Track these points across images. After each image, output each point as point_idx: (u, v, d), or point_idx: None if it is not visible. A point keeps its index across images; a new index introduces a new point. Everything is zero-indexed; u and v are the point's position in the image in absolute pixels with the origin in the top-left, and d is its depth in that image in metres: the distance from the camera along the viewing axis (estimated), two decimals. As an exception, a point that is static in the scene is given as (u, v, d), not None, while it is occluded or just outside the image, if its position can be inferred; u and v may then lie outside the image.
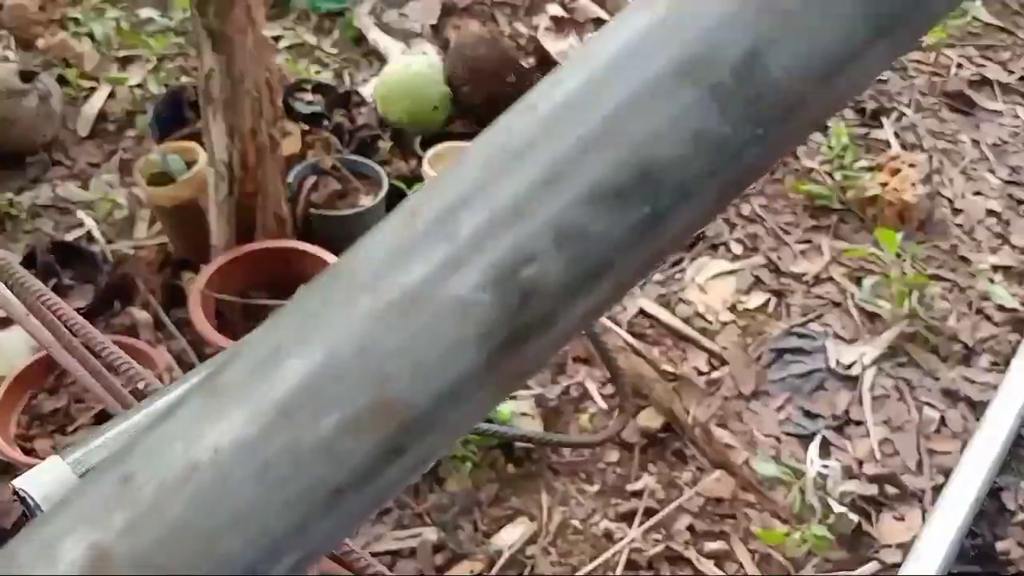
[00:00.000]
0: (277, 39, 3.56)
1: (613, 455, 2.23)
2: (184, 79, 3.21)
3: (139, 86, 3.28)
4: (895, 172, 2.82)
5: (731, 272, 2.69)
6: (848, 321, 2.55)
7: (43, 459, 1.84)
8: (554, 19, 3.37)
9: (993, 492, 2.08)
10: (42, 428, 1.98)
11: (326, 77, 3.36)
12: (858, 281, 2.64)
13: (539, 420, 2.29)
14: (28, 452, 1.93)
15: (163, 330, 2.41)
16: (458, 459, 2.18)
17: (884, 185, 2.80)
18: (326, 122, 2.83)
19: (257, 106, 2.18)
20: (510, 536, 2.06)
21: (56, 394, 2.04)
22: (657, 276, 2.70)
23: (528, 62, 3.20)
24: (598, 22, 3.27)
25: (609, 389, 2.38)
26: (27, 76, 3.02)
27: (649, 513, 2.10)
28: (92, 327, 1.02)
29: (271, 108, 2.23)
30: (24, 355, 2.11)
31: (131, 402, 1.11)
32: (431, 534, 2.05)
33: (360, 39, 3.66)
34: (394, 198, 2.73)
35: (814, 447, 2.23)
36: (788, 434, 2.28)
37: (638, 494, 2.14)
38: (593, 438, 1.09)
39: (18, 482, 0.79)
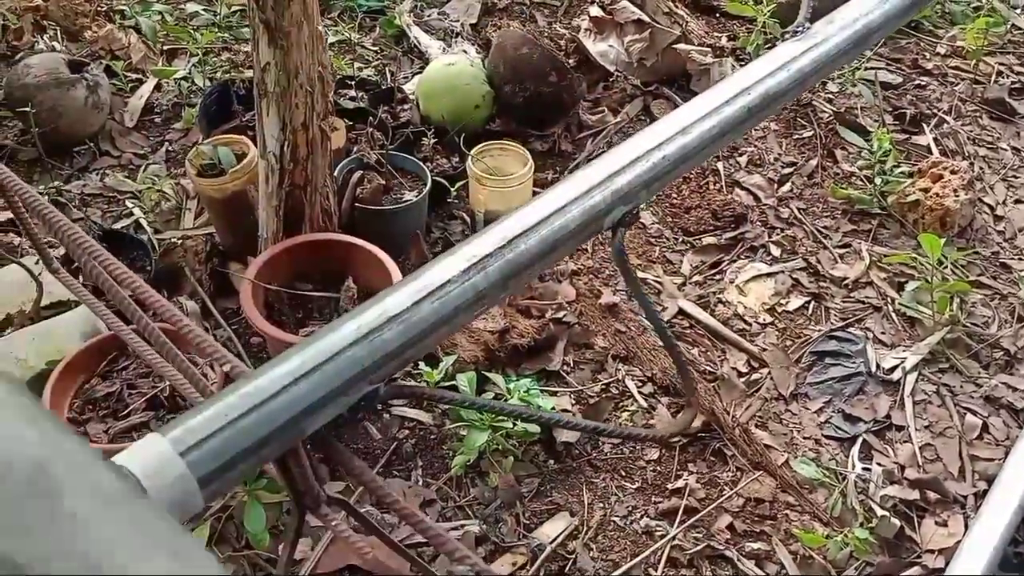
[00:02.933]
0: (319, 35, 3.60)
1: (653, 453, 2.25)
2: (230, 73, 3.25)
3: (185, 79, 3.33)
4: (937, 178, 2.82)
5: (770, 275, 2.69)
6: (888, 326, 2.55)
7: (96, 442, 1.89)
8: (594, 20, 3.38)
9: (1036, 499, 2.07)
10: (95, 413, 2.02)
11: (368, 74, 3.39)
12: (898, 286, 2.64)
13: (579, 417, 2.31)
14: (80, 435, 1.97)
15: (210, 319, 2.45)
16: (500, 453, 2.20)
17: (925, 191, 2.79)
18: (371, 118, 2.85)
19: (310, 100, 2.21)
20: (552, 530, 2.08)
21: (108, 379, 2.08)
22: (696, 277, 2.71)
23: (568, 62, 3.22)
24: (638, 24, 3.28)
25: (649, 388, 2.39)
26: (76, 66, 3.07)
27: (690, 512, 2.12)
28: (180, 313, 1.04)
29: (323, 102, 2.26)
30: (76, 341, 2.15)
31: (204, 385, 1.14)
32: (474, 527, 2.07)
33: (400, 37, 3.69)
34: (436, 194, 2.76)
35: (855, 450, 2.23)
36: (828, 437, 2.28)
37: (678, 492, 2.16)
38: (658, 432, 1.09)
39: (120, 458, 0.82)
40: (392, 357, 0.96)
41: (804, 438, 2.29)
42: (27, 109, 2.73)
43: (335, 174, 2.56)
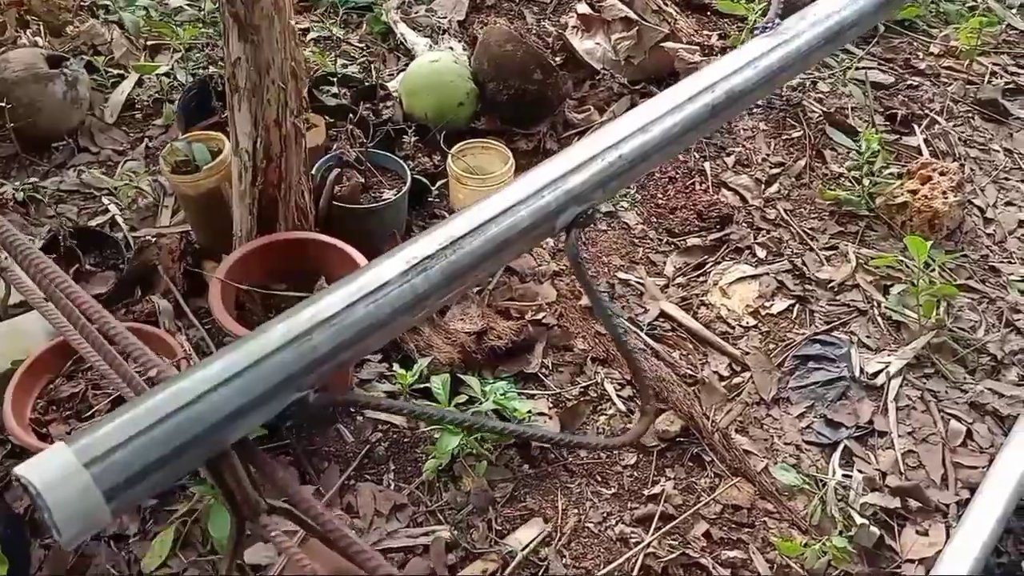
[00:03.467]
0: (305, 32, 3.56)
1: (630, 458, 2.21)
2: (208, 69, 3.21)
3: (167, 75, 3.29)
4: (926, 179, 2.77)
5: (754, 276, 2.65)
6: (873, 329, 2.50)
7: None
8: (582, 17, 3.34)
9: (1020, 509, 2.03)
10: (58, 413, 1.98)
11: (353, 71, 3.35)
12: (885, 289, 2.60)
13: (556, 420, 2.27)
14: (43, 437, 1.93)
15: (183, 319, 2.41)
16: (473, 457, 2.16)
17: (914, 192, 2.75)
18: (351, 115, 2.81)
19: (282, 96, 2.17)
20: (524, 536, 2.04)
21: (73, 380, 2.04)
22: (679, 279, 2.67)
23: (554, 59, 3.17)
24: (626, 21, 3.24)
25: (628, 391, 2.35)
26: (55, 62, 3.03)
27: (666, 518, 2.07)
28: (109, 314, 1.00)
29: (296, 98, 2.22)
30: (41, 340, 2.11)
31: (143, 389, 1.10)
32: (445, 532, 2.03)
33: (387, 34, 3.65)
34: (417, 193, 2.72)
35: (836, 457, 2.19)
36: (809, 443, 2.24)
37: (655, 498, 2.11)
38: (613, 441, 1.05)
39: (20, 469, 0.78)
40: (322, 362, 0.91)
41: (785, 444, 2.24)
42: (2, 104, 2.68)
43: (313, 172, 2.52)
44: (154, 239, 2.60)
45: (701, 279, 2.66)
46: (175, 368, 0.96)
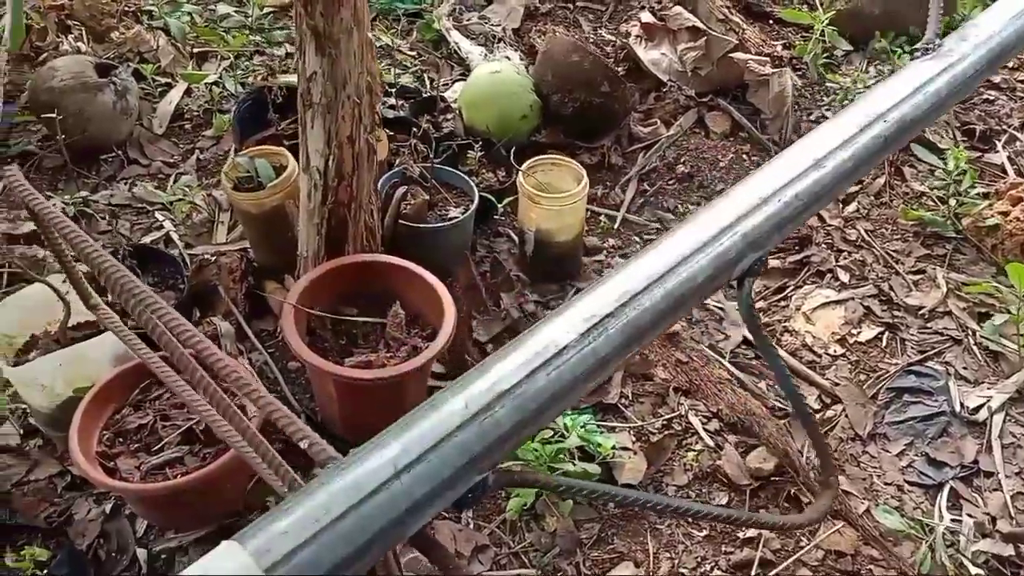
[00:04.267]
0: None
1: (721, 497, 2.08)
2: (266, 80, 3.11)
3: (216, 84, 3.19)
4: (1016, 200, 2.64)
5: (839, 302, 2.52)
6: (970, 360, 2.37)
7: (126, 480, 1.70)
8: (645, 26, 3.22)
9: None
10: (126, 446, 1.87)
11: (407, 81, 3.24)
12: (980, 317, 2.46)
13: (641, 456, 2.15)
14: (110, 472, 1.82)
15: (245, 341, 2.30)
16: (557, 494, 2.04)
17: (1005, 214, 2.62)
18: (414, 129, 2.70)
19: (357, 112, 2.06)
20: (615, 582, 1.92)
21: (141, 410, 1.93)
22: (760, 303, 2.54)
23: (618, 71, 3.05)
24: (693, 31, 3.12)
25: (715, 425, 2.22)
26: (103, 70, 2.93)
27: (765, 564, 1.95)
28: (211, 344, 0.89)
29: (370, 114, 2.11)
30: (106, 367, 2.00)
31: (249, 430, 0.98)
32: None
33: (439, 41, 3.54)
34: (481, 210, 2.60)
35: (942, 499, 2.06)
36: (912, 483, 2.11)
37: (751, 542, 1.99)
38: (792, 520, 0.93)
39: (193, 572, 0.66)
40: (505, 440, 0.80)
41: (885, 484, 2.11)
42: (52, 115, 2.58)
43: (378, 191, 2.41)
44: (213, 257, 2.49)
45: (782, 303, 2.54)
46: (323, 442, 0.84)
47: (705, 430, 2.20)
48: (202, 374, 0.98)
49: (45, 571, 1.72)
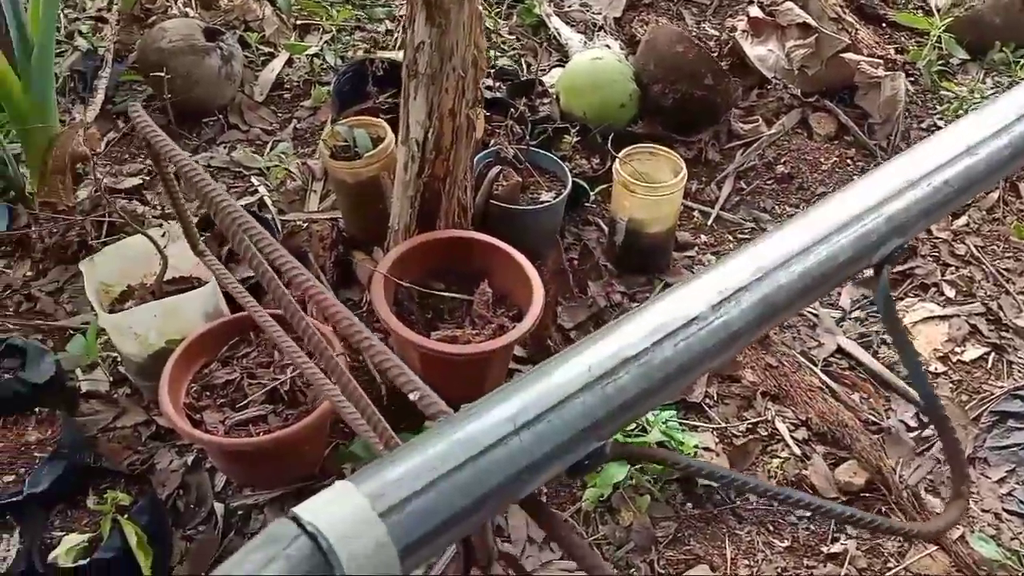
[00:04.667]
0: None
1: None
2: (365, 52, 3.12)
3: (317, 56, 3.22)
4: None
5: (943, 317, 2.40)
6: (1083, 389, 2.23)
7: (211, 432, 1.70)
8: (753, 21, 3.13)
9: None
10: (212, 400, 1.89)
11: (504, 64, 3.22)
12: (1095, 345, 2.32)
13: (723, 458, 2.08)
14: (195, 423, 1.84)
15: (330, 310, 2.30)
16: (635, 489, 1.99)
17: None
18: (511, 111, 2.67)
19: (461, 85, 2.04)
20: (690, 584, 1.86)
21: (228, 366, 1.95)
22: (857, 313, 2.44)
23: (723, 65, 2.97)
24: (803, 28, 3.02)
25: (803, 433, 2.14)
26: (211, 35, 2.98)
27: (849, 582, 1.87)
28: (321, 287, 0.86)
29: (474, 88, 2.09)
30: (198, 321, 2.03)
31: (350, 384, 0.96)
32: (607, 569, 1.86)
33: (539, 27, 3.51)
34: (572, 196, 2.56)
35: (1044, 532, 1.94)
36: (1011, 512, 1.99)
37: (835, 558, 1.91)
38: (923, 527, 0.86)
39: (304, 513, 0.63)
40: (627, 408, 0.75)
41: (983, 511, 2.00)
42: (161, 74, 2.64)
43: (473, 168, 2.39)
44: (304, 224, 2.51)
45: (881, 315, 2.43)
46: (430, 392, 0.81)
47: (792, 438, 2.12)
48: (308, 323, 0.96)
49: (125, 515, 1.74)
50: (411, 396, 0.84)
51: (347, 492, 0.64)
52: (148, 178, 2.74)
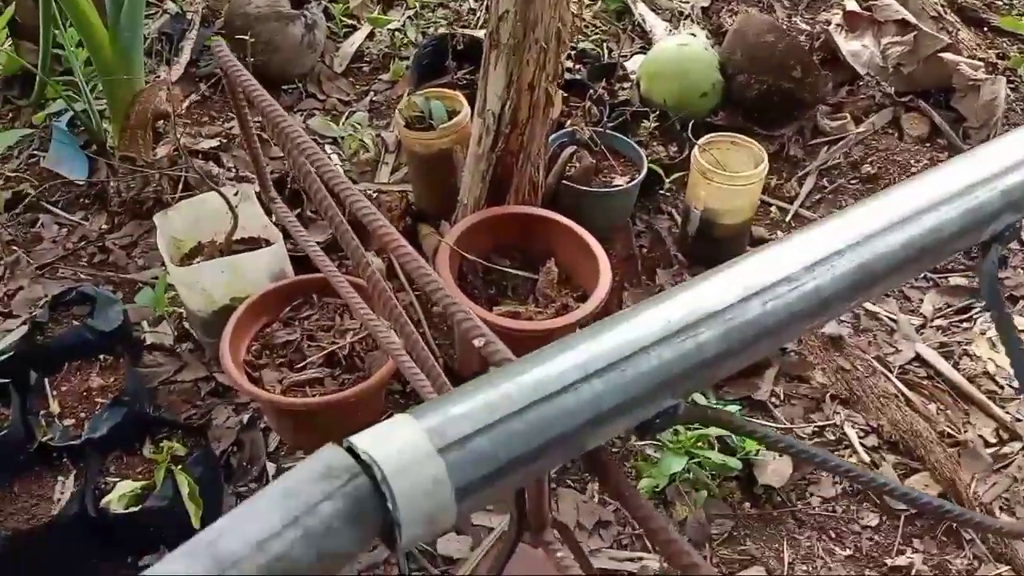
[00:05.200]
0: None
1: (871, 519, 1.91)
2: (451, 27, 3.10)
3: (398, 30, 3.21)
4: None
5: (1031, 332, 2.27)
6: None
7: (268, 390, 1.67)
8: (848, 15, 3.02)
9: None
10: (271, 360, 1.89)
11: (585, 47, 3.17)
12: None
13: (787, 459, 2.00)
14: (254, 381, 1.84)
15: (394, 280, 2.29)
16: (691, 484, 1.92)
17: None
18: (590, 92, 2.62)
19: (542, 58, 1.99)
20: (744, 585, 1.79)
21: (290, 327, 1.95)
22: (938, 321, 2.33)
23: (814, 58, 2.87)
24: (901, 24, 2.89)
25: (873, 440, 2.05)
26: (298, 3, 3.00)
27: (913, 597, 1.77)
28: (425, 265, 0.83)
29: (555, 62, 2.04)
30: (264, 280, 2.03)
31: (419, 343, 0.93)
32: (653, 562, 1.81)
33: (623, 13, 3.45)
34: (646, 183, 2.50)
35: None
36: (1095, 540, 1.87)
37: (900, 571, 1.81)
38: (1015, 526, 0.79)
39: (362, 442, 0.59)
40: (705, 366, 0.69)
41: (1063, 536, 1.88)
42: (245, 37, 2.66)
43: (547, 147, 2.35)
44: (374, 194, 2.50)
45: (965, 325, 2.31)
46: (504, 347, 0.78)
47: (861, 444, 2.03)
48: (367, 261, 0.93)
49: (179, 466, 1.75)
50: (475, 343, 0.80)
51: (406, 424, 0.60)
52: (226, 140, 2.76)
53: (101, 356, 1.98)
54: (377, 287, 0.93)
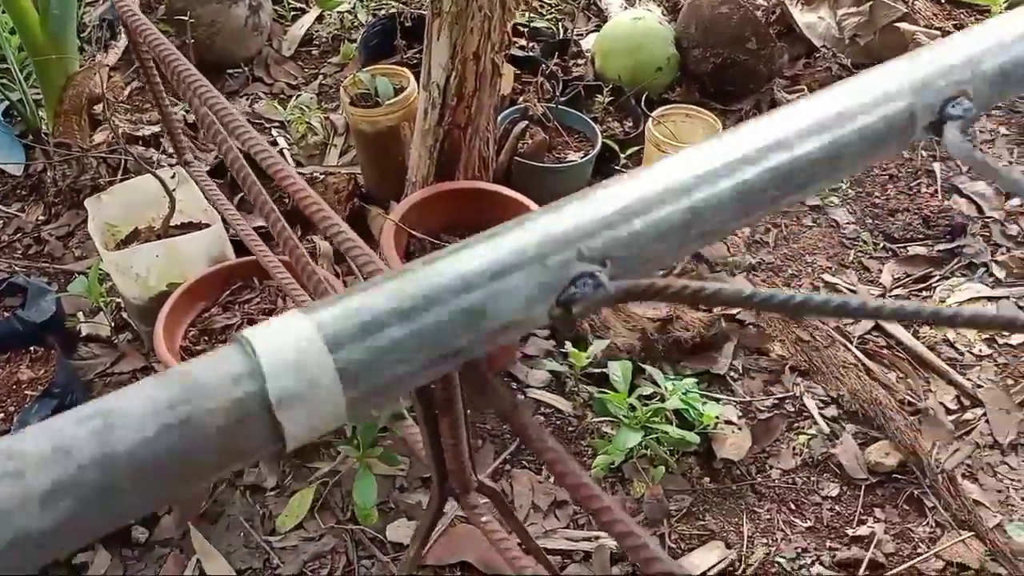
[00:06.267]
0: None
1: (831, 489, 1.87)
2: (396, 8, 3.03)
3: (348, 12, 3.14)
4: None
5: (991, 299, 2.25)
6: None
7: None
8: (803, -12, 2.98)
9: None
10: (210, 344, 1.82)
11: (540, 26, 3.11)
12: None
13: (746, 432, 1.96)
14: (192, 367, 1.76)
15: (342, 264, 2.23)
16: (648, 460, 1.88)
17: None
18: (542, 67, 2.57)
19: (487, 26, 1.93)
20: (702, 561, 1.74)
21: (229, 311, 1.88)
22: (898, 290, 2.30)
23: (770, 30, 2.83)
24: (855, -4, 2.87)
25: (833, 411, 2.01)
26: (241, -15, 2.92)
27: (874, 567, 1.73)
28: (342, 223, 0.76)
29: (500, 31, 1.98)
30: (202, 263, 1.96)
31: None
32: (610, 541, 1.75)
33: (579, -9, 3.40)
34: (601, 159, 2.45)
35: (1091, 526, 1.79)
36: (1056, 503, 1.85)
37: (861, 541, 1.78)
38: None
39: (254, 337, 0.50)
40: (608, 225, 0.58)
41: (1023, 499, 1.86)
42: (184, 18, 2.57)
43: (497, 121, 2.29)
44: (321, 177, 2.43)
45: (925, 294, 2.28)
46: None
47: (821, 415, 1.99)
48: (283, 226, 0.86)
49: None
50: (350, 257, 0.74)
51: (295, 320, 0.50)
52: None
53: (32, 348, 1.90)
54: (300, 261, 0.87)
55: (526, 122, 2.36)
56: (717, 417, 1.91)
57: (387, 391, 0.50)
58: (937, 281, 2.31)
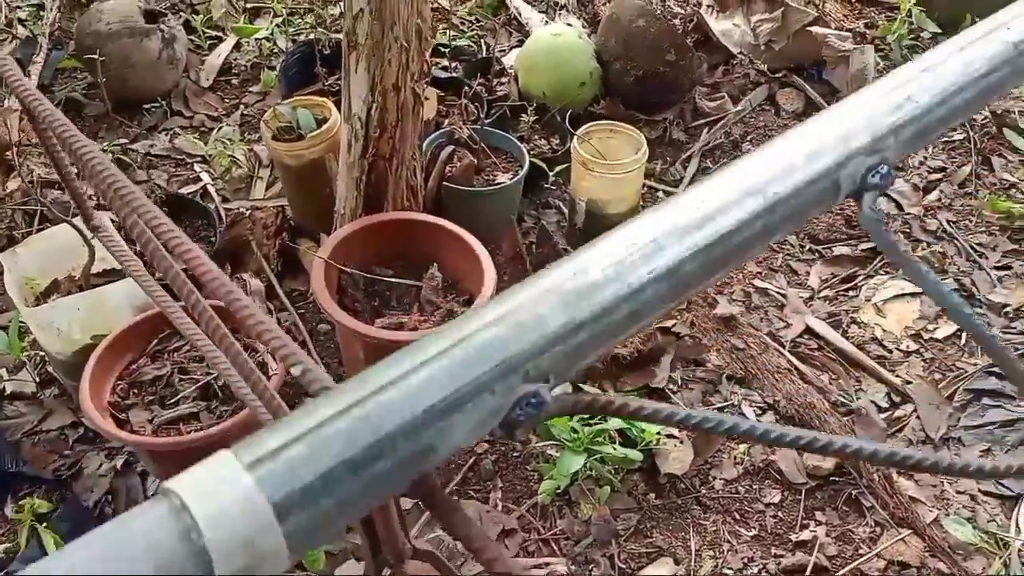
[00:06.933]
0: (411, 1, 3.33)
1: (773, 495, 1.91)
2: (315, 31, 3.00)
3: (267, 39, 3.09)
4: (1119, 196, 2.40)
5: (915, 294, 2.32)
6: (1060, 365, 2.15)
7: (137, 432, 1.55)
8: (718, -4, 3.03)
9: None
10: (140, 398, 1.77)
11: (462, 44, 3.11)
12: (1072, 319, 2.24)
13: (688, 445, 1.98)
14: (121, 424, 1.72)
15: (274, 300, 2.19)
16: (594, 481, 1.89)
17: (1105, 210, 2.38)
18: (465, 88, 2.56)
19: (405, 57, 1.92)
20: (652, 579, 1.76)
21: (158, 361, 1.83)
22: (826, 291, 2.35)
23: (687, 40, 2.87)
24: (768, 1, 2.92)
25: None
26: (152, 16, 2.85)
27: (819, 571, 1.77)
28: (239, 292, 0.75)
29: (419, 61, 1.97)
30: (126, 314, 1.91)
31: (263, 386, 0.85)
32: (560, 567, 1.76)
33: (499, 7, 3.40)
34: (531, 178, 2.45)
35: (1021, 512, 1.86)
36: (987, 493, 1.91)
37: (804, 546, 1.81)
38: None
39: (179, 487, 0.49)
40: (551, 342, 0.59)
41: (957, 492, 1.92)
42: (95, 56, 2.50)
43: (422, 148, 2.28)
44: (248, 212, 2.39)
45: (851, 293, 2.34)
46: (324, 373, 0.70)
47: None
48: (191, 289, 0.84)
49: (44, 524, 1.62)
50: (293, 370, 0.73)
51: (228, 463, 0.49)
52: (85, 167, 2.60)
53: (-49, 412, 1.83)
54: (198, 307, 0.85)
55: (452, 146, 2.36)
56: (659, 432, 1.93)
57: (325, 534, 0.50)
58: (862, 280, 2.37)
